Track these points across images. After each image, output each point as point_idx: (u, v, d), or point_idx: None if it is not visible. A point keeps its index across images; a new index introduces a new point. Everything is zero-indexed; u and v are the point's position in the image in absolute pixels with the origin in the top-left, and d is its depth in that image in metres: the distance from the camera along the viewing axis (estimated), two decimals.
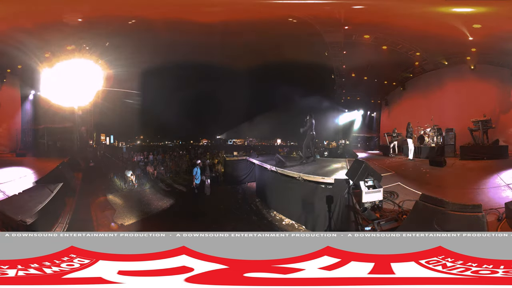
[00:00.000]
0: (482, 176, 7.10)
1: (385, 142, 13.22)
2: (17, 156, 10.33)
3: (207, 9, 7.24)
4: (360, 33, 7.92)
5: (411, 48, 10.41)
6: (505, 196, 5.90)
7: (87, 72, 9.75)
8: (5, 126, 10.56)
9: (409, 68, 12.28)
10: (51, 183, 6.06)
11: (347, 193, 6.62)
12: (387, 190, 6.68)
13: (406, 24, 7.16)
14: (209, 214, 9.12)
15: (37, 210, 4.72)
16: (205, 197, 11.03)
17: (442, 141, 10.57)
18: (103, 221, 8.48)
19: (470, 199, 5.97)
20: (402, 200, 6.32)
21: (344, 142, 14.94)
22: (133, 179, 11.48)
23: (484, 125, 9.42)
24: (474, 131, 9.63)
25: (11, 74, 10.58)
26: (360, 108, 15.17)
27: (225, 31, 7.99)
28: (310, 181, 7.73)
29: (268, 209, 9.60)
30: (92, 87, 10.11)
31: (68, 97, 9.89)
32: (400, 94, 13.88)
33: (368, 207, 5.65)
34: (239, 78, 11.48)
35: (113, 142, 14.99)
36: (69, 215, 5.58)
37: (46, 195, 5.41)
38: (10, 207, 4.75)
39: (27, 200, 5.15)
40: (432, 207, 4.26)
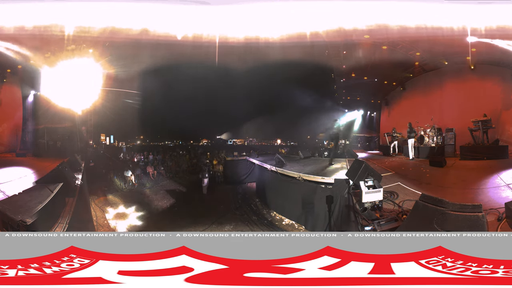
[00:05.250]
0: (482, 176, 7.10)
1: (385, 142, 13.22)
2: (17, 156, 10.34)
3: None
4: (360, 33, 7.93)
5: (411, 48, 10.41)
6: (505, 196, 5.90)
7: (87, 72, 9.75)
8: (5, 126, 10.57)
9: (409, 68, 12.27)
10: (51, 183, 6.05)
11: (347, 193, 6.62)
12: (387, 190, 6.68)
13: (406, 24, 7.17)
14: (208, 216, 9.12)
15: (37, 210, 4.71)
16: (204, 196, 11.06)
17: (442, 141, 10.56)
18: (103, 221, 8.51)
19: (470, 199, 5.97)
20: (402, 200, 6.32)
21: (344, 142, 14.93)
22: (133, 179, 11.49)
23: (484, 125, 9.42)
24: (474, 131, 9.63)
25: (11, 74, 10.59)
26: (360, 108, 15.18)
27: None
28: (310, 181, 7.73)
29: (268, 209, 9.61)
30: (92, 87, 10.11)
31: (68, 97, 9.90)
32: (400, 94, 13.88)
33: (368, 207, 5.64)
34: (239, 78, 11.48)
35: (113, 142, 14.99)
36: (69, 215, 5.57)
37: (46, 195, 5.40)
38: (10, 207, 4.75)
39: (27, 200, 5.14)
40: (432, 207, 4.25)
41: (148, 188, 11.56)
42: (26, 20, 7.05)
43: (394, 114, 14.34)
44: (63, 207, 5.93)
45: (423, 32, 7.23)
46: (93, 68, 9.79)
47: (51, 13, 7.09)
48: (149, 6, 7.25)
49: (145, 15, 7.31)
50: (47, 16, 7.09)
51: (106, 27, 7.30)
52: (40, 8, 7.03)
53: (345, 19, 7.30)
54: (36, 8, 7.02)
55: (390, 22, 7.23)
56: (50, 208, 5.14)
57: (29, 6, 6.99)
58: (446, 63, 10.93)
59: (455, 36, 7.28)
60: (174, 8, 7.36)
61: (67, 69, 9.51)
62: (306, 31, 7.49)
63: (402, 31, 7.25)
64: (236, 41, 7.72)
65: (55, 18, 7.14)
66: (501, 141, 9.61)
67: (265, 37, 7.68)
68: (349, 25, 7.32)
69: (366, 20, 7.28)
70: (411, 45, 10.14)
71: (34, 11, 7.03)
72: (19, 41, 8.01)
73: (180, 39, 7.60)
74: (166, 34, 7.57)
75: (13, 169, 8.24)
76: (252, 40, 7.72)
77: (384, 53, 10.40)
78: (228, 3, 7.27)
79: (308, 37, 7.53)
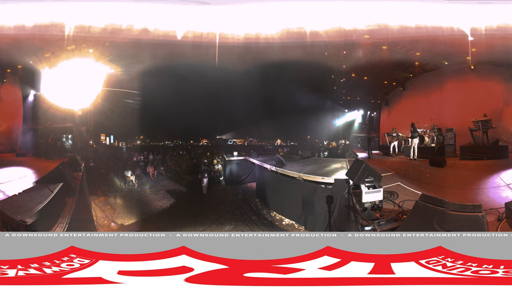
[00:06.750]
0: (482, 176, 7.10)
1: (385, 142, 13.22)
2: (17, 156, 10.33)
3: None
4: (360, 33, 7.94)
5: (411, 48, 10.41)
6: (505, 196, 5.90)
7: (87, 72, 9.76)
8: (5, 126, 10.56)
9: (409, 68, 12.28)
10: (51, 183, 6.05)
11: (347, 193, 6.62)
12: (387, 190, 6.68)
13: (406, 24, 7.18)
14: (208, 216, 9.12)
15: (37, 210, 4.71)
16: (204, 196, 11.06)
17: (442, 141, 10.56)
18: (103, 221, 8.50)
19: (470, 199, 5.97)
20: (402, 200, 6.32)
21: (344, 142, 14.94)
22: (133, 179, 11.49)
23: (484, 125, 9.42)
24: (474, 131, 9.63)
25: (11, 74, 10.59)
26: (360, 108, 15.19)
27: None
28: (310, 181, 7.73)
29: (268, 209, 9.61)
30: (92, 87, 10.12)
31: (68, 97, 9.91)
32: (400, 94, 13.89)
33: (368, 207, 5.64)
34: (239, 78, 11.49)
35: (113, 142, 15.00)
36: (69, 215, 5.57)
37: (46, 195, 5.39)
38: (10, 207, 4.75)
39: (27, 200, 5.13)
40: (432, 207, 4.25)
41: (148, 188, 11.56)
42: (26, 19, 7.05)
43: (394, 114, 14.35)
44: (63, 207, 5.92)
45: (423, 32, 7.23)
46: (93, 68, 9.80)
47: (51, 13, 7.10)
48: (149, 6, 7.26)
49: (145, 15, 7.31)
50: (47, 16, 7.10)
51: (106, 27, 7.30)
52: (40, 8, 7.04)
53: (345, 19, 7.30)
54: (36, 7, 7.03)
55: (390, 22, 7.23)
56: (50, 208, 5.13)
57: (29, 6, 7.00)
58: (446, 63, 10.94)
59: (455, 36, 7.28)
60: (174, 8, 7.37)
61: (67, 69, 9.52)
62: (306, 31, 7.49)
63: (402, 31, 7.25)
64: (236, 41, 7.72)
65: (55, 18, 7.14)
66: (501, 141, 9.61)
67: (265, 37, 7.67)
68: (349, 25, 7.32)
69: (366, 20, 7.28)
70: (411, 45, 10.16)
71: (34, 10, 7.04)
72: (19, 41, 8.00)
73: (180, 39, 7.60)
74: (166, 34, 7.57)
75: (13, 169, 8.24)
76: (252, 40, 7.72)
77: (384, 53, 10.41)
78: (228, 3, 7.27)
79: (308, 37, 7.53)
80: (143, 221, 8.91)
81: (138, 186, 11.48)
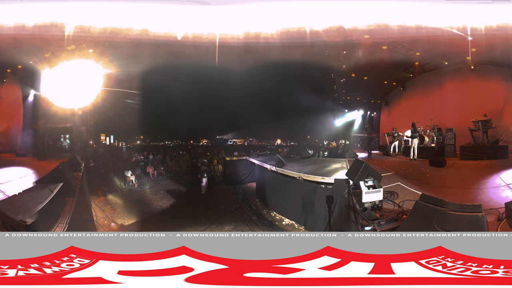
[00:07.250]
0: (482, 176, 7.10)
1: (385, 142, 13.22)
2: (17, 156, 10.33)
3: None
4: (360, 33, 7.95)
5: (411, 48, 10.41)
6: (505, 196, 5.90)
7: (87, 72, 9.76)
8: (5, 125, 10.57)
9: (409, 68, 12.28)
10: (51, 183, 6.05)
11: (347, 193, 6.62)
12: (387, 190, 6.68)
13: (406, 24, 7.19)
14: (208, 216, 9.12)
15: (37, 210, 4.71)
16: (203, 196, 11.06)
17: (442, 141, 10.56)
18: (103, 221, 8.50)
19: (470, 199, 5.97)
20: (402, 200, 6.32)
21: (344, 142, 14.95)
22: (133, 179, 11.49)
23: (484, 125, 9.42)
24: (474, 131, 9.63)
25: (11, 74, 10.59)
26: (360, 108, 15.18)
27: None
28: (310, 181, 7.73)
29: (268, 209, 9.61)
30: (92, 87, 10.11)
31: (68, 97, 9.90)
32: (400, 94, 13.89)
33: (368, 207, 5.64)
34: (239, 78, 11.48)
35: (113, 142, 15.00)
36: (69, 215, 5.57)
37: (46, 195, 5.39)
38: (10, 207, 4.75)
39: (27, 200, 5.13)
40: (432, 207, 4.25)
41: (148, 188, 11.56)
42: (26, 19, 7.06)
43: (394, 114, 14.35)
44: (63, 207, 5.92)
45: (423, 32, 7.23)
46: (93, 68, 9.79)
47: (51, 13, 7.10)
48: (149, 6, 7.26)
49: (145, 15, 7.32)
50: (47, 16, 7.10)
51: (106, 27, 7.31)
52: (40, 8, 7.04)
53: (345, 19, 7.30)
54: (36, 8, 7.03)
55: (390, 22, 7.23)
56: (50, 208, 5.13)
57: (29, 6, 7.01)
58: (446, 63, 10.94)
59: (455, 36, 7.28)
60: (174, 8, 7.37)
61: (67, 69, 9.51)
62: (306, 31, 7.49)
63: (402, 31, 7.26)
64: (236, 41, 7.72)
65: (55, 18, 7.15)
66: (501, 141, 9.61)
67: (265, 37, 7.67)
68: (349, 25, 7.33)
69: (366, 20, 7.28)
70: (411, 45, 10.15)
71: (34, 10, 7.04)
72: (19, 41, 8.00)
73: (180, 39, 7.61)
74: (166, 34, 7.57)
75: (13, 169, 8.24)
76: (252, 40, 7.72)
77: (384, 53, 10.41)
78: (228, 3, 7.27)
79: (308, 37, 7.53)
80: (143, 221, 8.91)
81: (138, 186, 11.48)
